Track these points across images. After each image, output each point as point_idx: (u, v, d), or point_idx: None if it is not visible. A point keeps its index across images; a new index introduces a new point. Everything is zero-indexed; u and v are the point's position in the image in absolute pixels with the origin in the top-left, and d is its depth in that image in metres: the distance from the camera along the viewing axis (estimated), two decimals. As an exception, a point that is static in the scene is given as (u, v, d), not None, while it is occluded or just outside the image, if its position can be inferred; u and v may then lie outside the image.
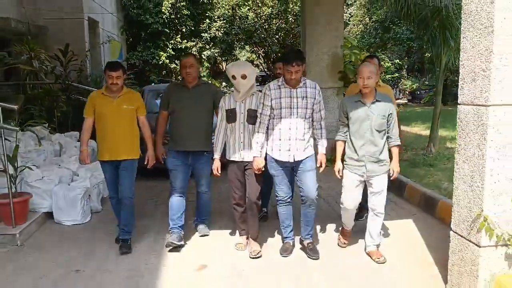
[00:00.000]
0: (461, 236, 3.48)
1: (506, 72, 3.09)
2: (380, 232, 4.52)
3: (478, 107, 3.24)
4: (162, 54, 16.23)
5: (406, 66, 25.51)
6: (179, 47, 16.76)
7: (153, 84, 13.78)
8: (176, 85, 5.01)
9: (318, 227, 5.19)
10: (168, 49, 16.48)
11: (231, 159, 4.49)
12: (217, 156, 4.52)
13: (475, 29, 3.25)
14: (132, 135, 4.66)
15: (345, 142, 4.38)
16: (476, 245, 3.32)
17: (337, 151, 4.43)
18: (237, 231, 4.90)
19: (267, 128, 4.31)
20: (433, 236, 4.85)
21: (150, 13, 16.11)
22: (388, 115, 4.22)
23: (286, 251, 4.53)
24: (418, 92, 23.77)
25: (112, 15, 14.32)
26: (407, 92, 24.70)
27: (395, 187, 6.13)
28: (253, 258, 4.43)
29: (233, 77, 4.36)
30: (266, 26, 17.06)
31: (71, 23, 10.70)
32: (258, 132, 4.29)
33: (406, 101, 23.30)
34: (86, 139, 4.67)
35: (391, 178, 4.35)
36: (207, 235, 4.99)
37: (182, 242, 4.70)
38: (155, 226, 5.36)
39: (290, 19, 16.50)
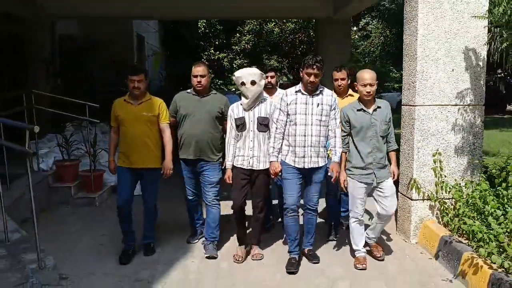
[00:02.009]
0: (402, 194, 5.13)
1: (424, 85, 4.77)
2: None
3: (410, 107, 4.92)
4: (197, 64, 18.17)
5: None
6: (212, 58, 18.74)
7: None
8: (186, 93, 4.78)
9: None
10: (203, 59, 18.51)
11: (239, 166, 4.45)
12: (229, 164, 4.49)
13: (408, 56, 4.94)
14: (153, 143, 4.56)
15: (346, 153, 4.40)
16: (410, 199, 4.96)
17: (342, 161, 4.39)
18: (236, 242, 4.77)
19: (283, 134, 4.30)
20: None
21: (187, 28, 18.11)
22: (389, 120, 4.33)
23: (292, 265, 4.34)
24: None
25: (154, 30, 16.38)
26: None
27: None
28: (255, 260, 4.52)
29: (242, 83, 4.34)
30: (290, 40, 18.88)
31: (123, 39, 12.66)
32: (274, 137, 4.28)
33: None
34: (113, 150, 4.68)
35: (393, 180, 4.42)
36: (215, 257, 4.61)
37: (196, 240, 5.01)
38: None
39: (311, 33, 18.24)
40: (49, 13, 9.74)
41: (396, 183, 4.57)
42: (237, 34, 19.75)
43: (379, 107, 4.27)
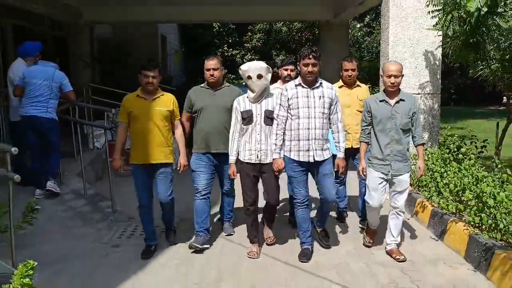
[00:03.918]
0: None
1: (394, 78, 6.32)
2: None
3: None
4: (212, 61, 19.89)
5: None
6: (226, 54, 20.40)
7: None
8: (200, 87, 4.76)
9: (339, 228, 5.20)
10: (218, 56, 20.14)
11: (246, 160, 4.39)
12: (233, 159, 4.42)
13: (383, 56, 6.52)
14: (166, 138, 4.49)
15: (367, 143, 4.41)
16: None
17: (361, 151, 4.43)
18: (248, 238, 4.67)
19: (285, 129, 4.24)
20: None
21: (202, 27, 19.75)
22: (412, 114, 4.23)
23: (305, 256, 4.33)
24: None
25: (175, 30, 18.04)
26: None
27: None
28: (269, 244, 4.65)
29: (249, 77, 4.28)
30: (297, 38, 20.45)
31: (149, 40, 14.35)
32: (276, 133, 4.23)
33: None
34: (119, 146, 4.55)
35: (420, 175, 4.48)
36: (232, 234, 4.96)
37: (207, 245, 4.61)
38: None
39: (316, 32, 19.76)
40: (87, 19, 11.41)
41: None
42: (249, 33, 21.49)
43: (402, 100, 4.22)
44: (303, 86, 4.21)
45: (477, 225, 4.32)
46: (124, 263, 4.31)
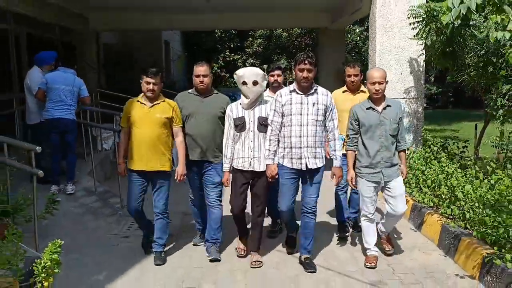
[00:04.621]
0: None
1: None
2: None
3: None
4: (215, 65, 20.50)
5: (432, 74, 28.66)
6: (228, 59, 20.98)
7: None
8: (188, 93, 4.68)
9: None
10: (219, 61, 20.81)
11: (239, 168, 4.32)
12: (227, 167, 4.36)
13: (371, 63, 7.05)
14: (164, 146, 4.41)
15: (355, 151, 4.34)
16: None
17: (349, 160, 4.36)
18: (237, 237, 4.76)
19: (279, 136, 4.18)
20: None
21: (205, 33, 20.33)
22: (399, 119, 4.26)
23: (291, 244, 4.62)
24: (435, 97, 26.91)
25: (178, 36, 18.63)
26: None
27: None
28: (253, 268, 4.31)
29: (244, 83, 4.21)
30: (297, 43, 21.01)
31: (153, 46, 14.93)
32: (270, 139, 4.17)
33: (424, 104, 26.49)
34: (123, 151, 4.51)
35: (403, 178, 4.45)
36: (218, 260, 4.51)
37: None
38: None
39: (314, 37, 20.32)
40: (94, 26, 11.96)
41: None
42: (250, 38, 22.06)
43: (389, 106, 4.22)
44: (297, 92, 4.14)
45: (449, 216, 4.82)
46: (133, 251, 4.79)
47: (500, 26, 4.15)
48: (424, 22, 5.91)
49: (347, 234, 5.05)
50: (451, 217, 4.81)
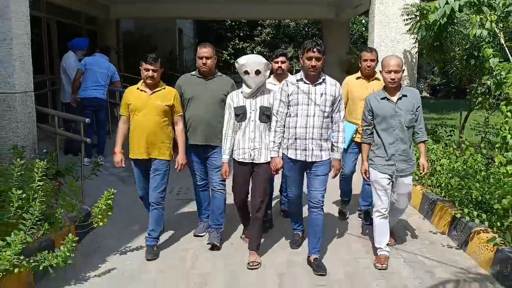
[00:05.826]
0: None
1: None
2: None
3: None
4: (225, 53, 21.34)
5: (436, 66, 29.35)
6: (237, 47, 21.81)
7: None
8: (190, 75, 4.60)
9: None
10: (229, 48, 21.68)
11: (239, 159, 4.17)
12: (226, 158, 4.22)
13: (369, 54, 7.82)
14: (164, 134, 4.33)
15: (370, 144, 4.17)
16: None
17: (363, 152, 4.24)
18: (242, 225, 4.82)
19: (283, 127, 4.02)
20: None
21: (216, 21, 21.14)
22: (416, 109, 4.04)
23: (295, 243, 4.45)
24: (438, 87, 27.64)
25: (190, 23, 19.44)
26: (427, 86, 28.53)
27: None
28: (250, 269, 4.08)
29: (246, 72, 4.00)
30: (304, 32, 21.78)
31: (168, 33, 15.77)
32: (275, 130, 4.01)
33: (428, 94, 27.24)
34: (120, 140, 4.40)
35: (423, 173, 4.34)
36: (216, 245, 4.46)
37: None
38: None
39: (321, 27, 21.12)
40: (114, 15, 12.83)
41: None
42: (259, 27, 22.85)
43: (404, 96, 4.01)
44: (304, 82, 3.96)
45: (429, 186, 5.68)
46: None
47: (479, 24, 4.81)
48: (417, 18, 6.70)
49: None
50: (431, 187, 5.67)
